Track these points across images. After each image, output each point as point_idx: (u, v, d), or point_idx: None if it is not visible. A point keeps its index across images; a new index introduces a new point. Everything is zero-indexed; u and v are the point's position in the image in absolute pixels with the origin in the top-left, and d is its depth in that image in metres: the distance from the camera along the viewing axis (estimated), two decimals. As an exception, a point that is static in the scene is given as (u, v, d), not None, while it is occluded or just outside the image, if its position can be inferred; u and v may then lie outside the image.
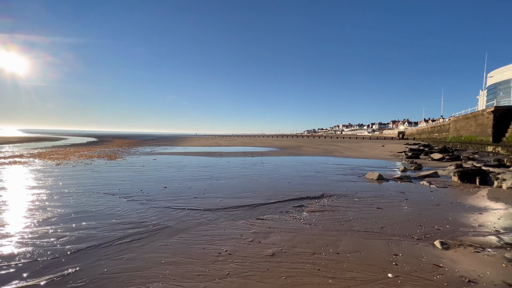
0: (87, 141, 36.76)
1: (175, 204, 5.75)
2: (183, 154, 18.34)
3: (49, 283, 2.75)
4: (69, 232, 4.10)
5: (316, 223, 4.67)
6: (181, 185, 7.74)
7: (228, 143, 36.69)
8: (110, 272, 2.99)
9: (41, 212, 5.01)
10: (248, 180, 8.70)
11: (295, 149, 25.42)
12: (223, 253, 3.49)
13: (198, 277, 2.92)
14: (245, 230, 4.30)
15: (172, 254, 3.46)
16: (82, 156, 15.90)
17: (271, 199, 6.24)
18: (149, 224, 4.50)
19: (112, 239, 3.87)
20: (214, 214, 5.10)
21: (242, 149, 25.29)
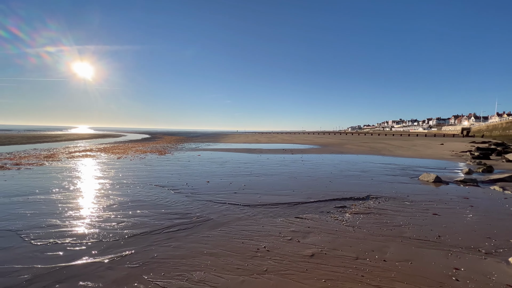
0: (141, 138, 40.98)
1: (217, 198, 6.02)
2: (225, 150, 19.07)
3: (111, 261, 3.15)
4: (127, 218, 4.63)
5: (360, 226, 4.38)
6: (223, 180, 8.06)
7: (267, 140, 36.88)
8: (159, 257, 3.28)
9: (105, 199, 5.76)
10: (288, 177, 8.61)
11: (337, 146, 24.25)
12: (261, 249, 3.52)
13: (237, 270, 3.01)
14: (283, 228, 4.26)
15: (213, 246, 3.63)
16: (138, 151, 17.78)
17: (311, 198, 6.07)
18: (193, 216, 4.80)
19: (161, 227, 4.24)
20: (253, 210, 5.18)
21: (281, 146, 25.14)
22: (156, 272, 2.95)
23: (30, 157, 13.38)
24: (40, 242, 3.63)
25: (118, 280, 2.78)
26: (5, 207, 5.13)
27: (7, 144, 21.74)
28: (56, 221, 4.42)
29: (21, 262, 3.11)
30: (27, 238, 3.73)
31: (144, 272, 2.94)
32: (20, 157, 13.27)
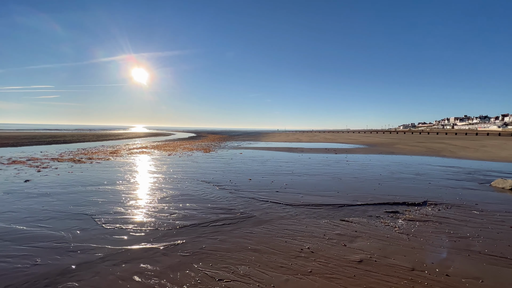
0: (188, 137, 43.97)
1: (259, 195, 6.11)
2: (266, 149, 19.23)
3: (165, 248, 3.47)
4: (178, 210, 5.03)
5: (416, 234, 3.96)
6: (264, 178, 8.15)
7: (309, 139, 35.94)
8: (207, 248, 3.49)
9: (159, 192, 6.36)
10: (331, 178, 8.27)
11: (387, 146, 22.32)
12: (305, 249, 3.46)
13: (281, 268, 3.01)
14: (328, 230, 4.12)
15: (256, 242, 3.70)
16: (185, 148, 19.14)
17: (357, 201, 5.72)
18: (237, 212, 4.96)
19: (208, 220, 4.50)
20: (296, 210, 5.12)
21: (324, 145, 24.23)
22: (205, 262, 3.14)
23: (99, 152, 15.53)
24: (109, 226, 4.19)
25: (172, 266, 3.05)
26: (82, 194, 6.06)
27: (82, 141, 25.62)
28: (120, 208, 5.05)
29: (96, 242, 3.64)
30: (99, 222, 4.35)
31: (194, 261, 3.16)
32: (92, 152, 15.51)
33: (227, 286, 2.67)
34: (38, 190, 6.33)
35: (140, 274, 2.87)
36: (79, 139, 28.24)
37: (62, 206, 5.15)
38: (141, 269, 2.97)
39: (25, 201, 5.44)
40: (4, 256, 3.20)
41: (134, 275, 2.85)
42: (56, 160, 11.83)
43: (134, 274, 2.87)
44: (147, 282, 2.73)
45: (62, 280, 2.74)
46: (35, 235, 3.83)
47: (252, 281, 2.75)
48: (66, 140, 25.93)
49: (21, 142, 21.32)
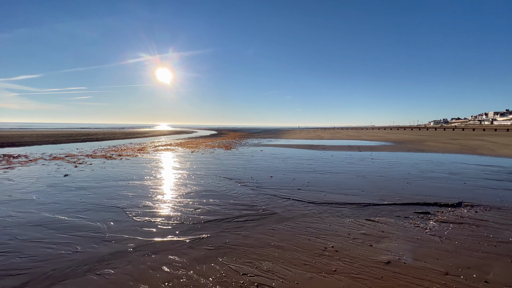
0: (210, 134, 44.94)
1: (281, 193, 6.10)
2: (286, 146, 19.09)
3: (191, 242, 3.60)
4: (202, 205, 5.19)
5: (449, 236, 3.72)
6: (285, 175, 8.11)
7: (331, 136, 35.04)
8: (231, 243, 3.57)
9: (184, 187, 6.59)
10: (355, 176, 8.01)
11: (416, 143, 21.08)
12: (329, 248, 3.41)
13: (304, 266, 3.00)
14: (353, 229, 4.01)
15: (279, 239, 3.71)
16: (207, 145, 19.60)
17: (383, 200, 5.50)
18: (259, 208, 5.01)
19: (231, 216, 4.59)
20: (319, 208, 5.04)
21: (347, 142, 23.49)
22: (229, 256, 3.22)
23: (128, 149, 16.43)
24: (139, 219, 4.44)
25: (198, 258, 3.16)
26: (114, 188, 6.47)
27: (112, 139, 27.26)
28: (149, 202, 5.33)
29: (127, 233, 3.88)
30: (130, 215, 4.62)
31: (219, 254, 3.25)
32: (121, 149, 16.46)
33: (252, 280, 2.72)
34: (76, 184, 6.87)
35: (169, 265, 3.01)
36: (109, 137, 30.08)
37: (97, 199, 5.55)
38: (169, 260, 3.12)
39: (65, 194, 5.94)
40: (50, 243, 3.53)
41: (163, 265, 3.01)
42: (90, 156, 12.73)
43: (163, 264, 3.03)
44: (175, 272, 2.86)
45: (100, 267, 2.97)
46: (75, 224, 4.18)
47: (276, 277, 2.77)
48: (98, 138, 27.76)
49: (59, 140, 23.21)
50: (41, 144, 19.96)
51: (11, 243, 3.52)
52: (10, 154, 13.27)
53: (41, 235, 3.79)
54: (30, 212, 4.73)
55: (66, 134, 32.25)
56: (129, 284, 2.65)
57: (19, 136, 26.21)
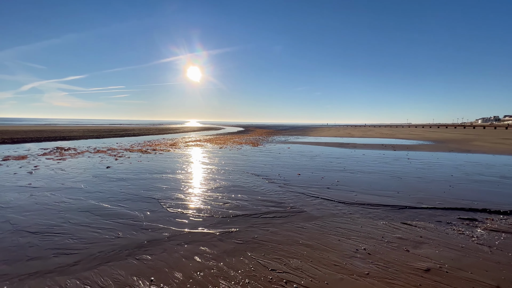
0: (237, 131, 45.66)
1: (309, 191, 5.99)
2: (314, 144, 18.65)
3: (221, 235, 3.71)
4: (230, 200, 5.31)
5: (502, 247, 3.34)
6: (314, 173, 7.94)
7: (362, 134, 33.41)
8: (259, 239, 3.60)
9: (213, 182, 6.80)
10: (390, 176, 7.55)
11: (460, 143, 19.19)
12: (361, 250, 3.27)
13: (334, 267, 2.92)
14: (387, 232, 3.80)
15: (308, 237, 3.65)
16: (235, 142, 19.94)
17: (422, 203, 5.11)
18: (287, 206, 4.98)
19: (259, 212, 4.63)
20: (349, 208, 4.86)
21: (380, 140, 22.21)
22: (257, 251, 3.26)
23: (161, 144, 17.40)
24: (172, 210, 4.69)
25: (227, 251, 3.25)
26: (149, 181, 6.91)
27: (147, 134, 29.06)
28: (181, 195, 5.60)
29: (162, 223, 4.12)
30: (164, 206, 4.90)
31: (247, 249, 3.31)
32: (155, 144, 17.48)
33: (280, 277, 2.72)
34: (116, 175, 7.47)
35: (200, 256, 3.14)
36: (144, 132, 32.12)
37: (135, 190, 5.97)
38: (201, 251, 3.26)
39: (107, 184, 6.49)
40: (96, 228, 3.90)
41: (195, 255, 3.15)
42: (128, 150, 13.73)
43: (195, 254, 3.17)
44: (207, 263, 2.98)
45: (139, 252, 3.20)
46: (116, 212, 4.55)
47: (304, 275, 2.74)
48: (135, 133, 29.81)
49: (102, 135, 25.38)
50: (86, 138, 22.03)
51: (65, 226, 3.96)
52: (62, 147, 14.87)
53: (88, 220, 4.20)
54: (79, 199, 5.26)
55: (107, 130, 35.15)
56: (165, 271, 2.82)
57: (69, 131, 29.21)
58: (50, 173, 7.68)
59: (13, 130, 27.93)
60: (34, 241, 3.48)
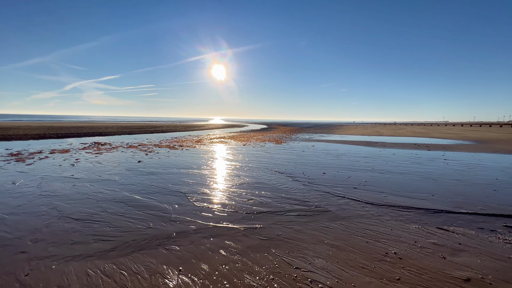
0: (260, 128, 45.76)
1: (334, 190, 5.83)
2: (340, 142, 18.06)
3: (245, 230, 3.76)
4: (254, 196, 5.35)
5: (558, 260, 2.97)
6: (339, 173, 7.69)
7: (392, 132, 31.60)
8: (283, 236, 3.59)
9: (237, 178, 6.90)
10: (423, 178, 7.07)
11: (506, 143, 17.33)
12: (391, 254, 3.11)
13: (362, 269, 2.81)
14: (420, 237, 3.56)
15: (334, 238, 3.56)
16: (258, 139, 20.01)
17: (461, 208, 4.71)
18: (312, 205, 4.89)
19: (283, 209, 4.61)
20: (378, 210, 4.64)
21: (412, 139, 20.84)
22: (281, 248, 3.25)
23: (187, 141, 18.03)
24: (198, 204, 4.85)
25: (251, 247, 3.29)
26: (177, 175, 7.21)
27: (174, 131, 30.30)
28: (206, 190, 5.76)
29: (189, 216, 4.28)
30: (191, 200, 5.09)
31: (271, 245, 3.32)
32: (182, 140, 18.17)
33: (305, 275, 2.69)
34: (147, 169, 7.90)
35: (225, 249, 3.21)
36: (172, 129, 33.51)
37: (163, 184, 6.27)
38: (226, 245, 3.33)
39: (139, 177, 6.89)
40: (130, 218, 4.17)
41: (220, 249, 3.23)
42: (157, 146, 14.43)
43: (220, 248, 3.25)
44: (231, 257, 3.04)
45: (168, 243, 3.37)
46: (147, 204, 4.82)
47: (330, 276, 2.68)
48: (163, 130, 31.24)
49: (133, 131, 26.98)
50: (120, 134, 23.57)
51: (103, 214, 4.29)
52: (99, 142, 16.07)
53: (123, 210, 4.50)
54: (114, 191, 5.65)
55: (138, 126, 37.27)
56: (192, 262, 2.93)
57: (104, 128, 31.46)
58: (89, 166, 8.36)
59: (57, 127, 30.80)
60: (77, 226, 3.82)
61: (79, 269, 2.78)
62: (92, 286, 2.52)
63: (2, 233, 3.59)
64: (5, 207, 4.59)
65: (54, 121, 51.98)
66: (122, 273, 2.72)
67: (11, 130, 22.65)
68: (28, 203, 4.81)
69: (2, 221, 3.97)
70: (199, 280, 2.61)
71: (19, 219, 4.08)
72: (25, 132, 21.06)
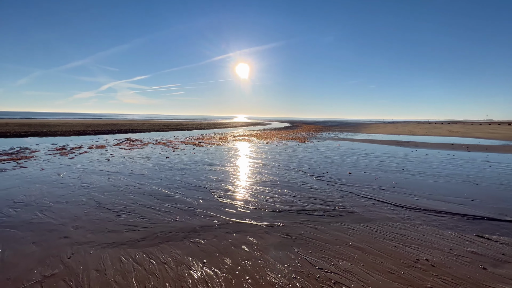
0: (283, 126, 45.39)
1: (361, 191, 5.60)
2: (367, 141, 17.28)
3: (268, 228, 3.77)
4: (277, 194, 5.34)
5: None
6: (366, 173, 7.38)
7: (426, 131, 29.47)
8: (306, 235, 3.54)
9: (260, 176, 6.93)
10: (461, 181, 6.51)
11: None
12: (422, 261, 2.92)
13: (390, 274, 2.68)
14: (456, 245, 3.30)
15: (359, 240, 3.43)
16: (281, 137, 19.88)
17: (506, 215, 4.27)
18: (336, 205, 4.75)
19: (306, 209, 4.55)
20: (409, 213, 4.38)
21: (449, 139, 19.27)
22: (304, 248, 3.21)
23: (212, 138, 18.49)
24: (222, 200, 4.97)
25: (274, 244, 3.29)
26: (201, 171, 7.43)
27: (199, 129, 31.23)
28: (230, 186, 5.87)
29: (213, 211, 4.40)
30: (215, 195, 5.22)
31: (294, 244, 3.29)
32: (206, 138, 18.67)
33: (328, 276, 2.63)
34: (174, 165, 8.26)
35: (248, 245, 3.26)
36: (197, 127, 34.59)
37: (189, 179, 6.51)
38: (248, 241, 3.37)
39: (167, 172, 7.23)
40: (158, 210, 4.40)
41: (243, 244, 3.28)
42: (183, 143, 15.00)
43: (243, 244, 3.30)
44: (254, 253, 3.07)
45: (193, 236, 3.50)
46: (174, 198, 5.04)
47: (355, 279, 2.59)
48: (189, 127, 32.37)
49: (161, 129, 28.30)
50: (149, 131, 24.88)
51: (134, 206, 4.57)
52: (131, 138, 17.12)
53: (152, 203, 4.76)
54: (144, 184, 5.99)
55: (166, 124, 39.01)
56: (216, 255, 3.02)
57: (135, 125, 33.42)
58: (122, 160, 8.95)
59: (95, 124, 33.37)
60: (111, 216, 4.12)
61: (113, 256, 3.00)
62: (124, 272, 2.70)
63: (49, 219, 4.00)
64: (51, 196, 5.10)
65: (92, 119, 56.40)
66: (151, 262, 2.88)
67: (56, 127, 25.01)
68: (70, 193, 5.29)
69: (49, 209, 4.42)
70: (222, 274, 2.68)
71: (63, 207, 4.51)
72: (67, 129, 23.13)
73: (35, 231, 3.59)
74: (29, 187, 5.65)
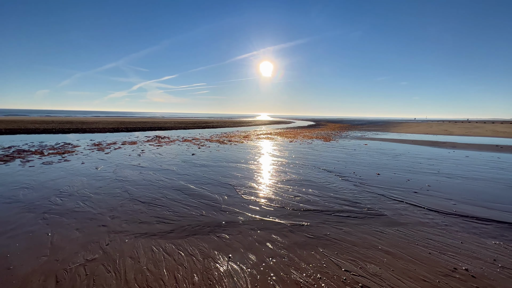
0: (307, 125, 44.58)
1: (390, 193, 5.33)
2: (398, 141, 16.34)
3: (292, 227, 3.75)
4: (301, 194, 5.28)
5: None
6: (396, 174, 6.99)
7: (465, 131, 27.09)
8: (331, 236, 3.46)
9: (284, 174, 6.90)
10: (507, 186, 5.91)
11: None
12: (461, 270, 2.71)
13: (423, 282, 2.53)
14: (501, 255, 3.01)
15: (388, 244, 3.28)
16: (305, 136, 19.56)
17: (563, 226, 3.79)
18: (363, 207, 4.58)
19: (331, 209, 4.44)
20: (445, 219, 4.08)
21: (492, 140, 17.52)
22: (329, 249, 3.14)
23: (235, 136, 18.75)
24: (246, 197, 5.03)
25: (298, 243, 3.27)
26: (226, 169, 7.59)
27: (223, 127, 31.85)
28: (254, 184, 5.92)
29: (238, 207, 4.48)
30: (239, 192, 5.31)
31: (319, 244, 3.24)
32: (230, 136, 18.98)
33: (355, 280, 2.55)
34: (199, 162, 8.53)
35: (272, 243, 3.27)
36: (221, 125, 35.31)
37: (214, 175, 6.68)
38: (272, 238, 3.39)
39: (193, 168, 7.49)
40: (185, 205, 4.59)
41: (267, 242, 3.30)
42: (208, 140, 15.41)
43: (267, 241, 3.32)
44: (278, 251, 3.08)
45: (218, 230, 3.60)
46: (200, 193, 5.22)
47: (384, 284, 2.49)
48: (213, 125, 33.16)
49: (188, 127, 29.32)
50: (176, 129, 25.91)
51: (163, 200, 4.82)
52: (159, 135, 17.98)
53: (180, 197, 4.97)
54: (172, 179, 6.28)
55: (192, 122, 40.34)
56: (240, 251, 3.08)
57: (164, 123, 35.00)
58: (152, 156, 9.45)
59: (127, 121, 35.57)
60: (143, 208, 4.38)
61: (146, 245, 3.19)
62: (156, 261, 2.87)
63: (89, 208, 4.37)
64: (91, 187, 5.55)
65: (124, 117, 60.12)
66: (180, 253, 3.02)
67: (94, 124, 27.10)
68: (107, 185, 5.71)
69: (89, 199, 4.82)
70: (247, 269, 2.72)
71: (101, 198, 4.89)
72: (103, 126, 24.95)
73: (78, 219, 3.94)
74: (72, 178, 6.21)
